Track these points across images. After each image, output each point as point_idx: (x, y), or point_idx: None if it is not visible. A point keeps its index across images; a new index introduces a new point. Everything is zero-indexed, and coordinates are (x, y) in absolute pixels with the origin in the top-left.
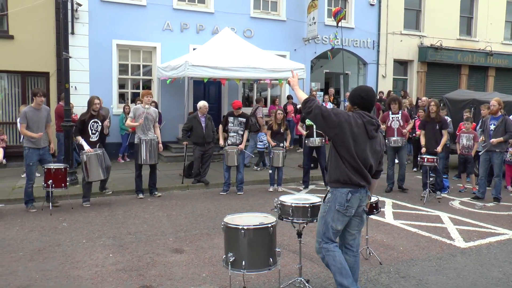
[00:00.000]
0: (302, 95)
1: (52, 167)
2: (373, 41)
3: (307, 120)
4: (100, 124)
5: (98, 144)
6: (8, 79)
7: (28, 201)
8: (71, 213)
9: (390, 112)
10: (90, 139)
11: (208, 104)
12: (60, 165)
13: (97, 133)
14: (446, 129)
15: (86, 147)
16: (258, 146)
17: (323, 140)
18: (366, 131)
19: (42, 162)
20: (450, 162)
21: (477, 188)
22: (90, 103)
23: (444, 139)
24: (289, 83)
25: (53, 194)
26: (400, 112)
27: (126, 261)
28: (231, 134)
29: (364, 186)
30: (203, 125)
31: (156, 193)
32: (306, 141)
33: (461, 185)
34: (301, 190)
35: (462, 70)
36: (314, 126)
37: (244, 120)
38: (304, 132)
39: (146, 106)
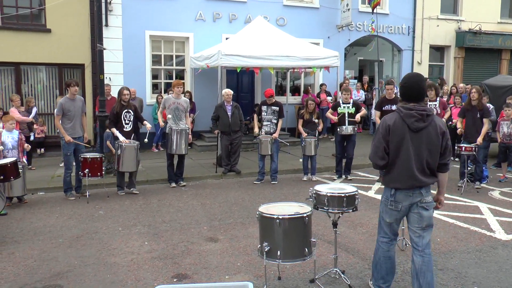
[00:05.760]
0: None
1: (88, 156)
2: (408, 26)
3: (339, 108)
4: (132, 113)
5: (132, 135)
6: (46, 72)
7: (67, 190)
8: (107, 201)
9: (427, 99)
10: (124, 129)
11: (241, 93)
12: (96, 155)
13: (131, 122)
14: (488, 117)
15: (121, 138)
16: None
17: (355, 128)
18: (407, 126)
19: (75, 152)
20: (490, 151)
21: None
22: (119, 93)
23: (485, 128)
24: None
25: (81, 183)
26: (437, 99)
27: (161, 249)
28: (265, 123)
29: (415, 187)
30: (229, 113)
31: (181, 182)
32: (338, 129)
33: (502, 174)
34: (335, 179)
35: (503, 55)
36: (346, 114)
37: (277, 108)
38: (334, 118)
39: (177, 96)
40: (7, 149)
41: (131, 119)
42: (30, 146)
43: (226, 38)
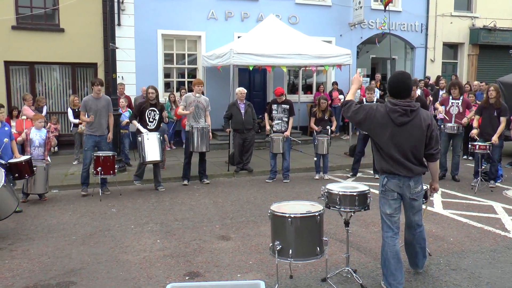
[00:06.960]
0: (348, 96)
1: (100, 154)
2: (421, 24)
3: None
4: (157, 113)
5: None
6: (59, 71)
7: (83, 184)
8: (119, 199)
9: (451, 97)
10: (148, 127)
11: (253, 92)
12: (109, 153)
13: (155, 121)
14: (506, 116)
15: (144, 130)
16: None
17: None
18: (391, 120)
19: (99, 149)
20: (503, 150)
21: None
22: (146, 92)
23: (501, 127)
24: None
25: (106, 181)
26: (461, 98)
27: (173, 247)
28: (276, 121)
29: (403, 175)
30: (242, 111)
31: (205, 180)
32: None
33: None
34: (349, 177)
35: None
36: None
37: (287, 106)
38: None
39: (197, 94)
40: (34, 146)
41: (156, 118)
42: (56, 141)
43: (238, 37)
